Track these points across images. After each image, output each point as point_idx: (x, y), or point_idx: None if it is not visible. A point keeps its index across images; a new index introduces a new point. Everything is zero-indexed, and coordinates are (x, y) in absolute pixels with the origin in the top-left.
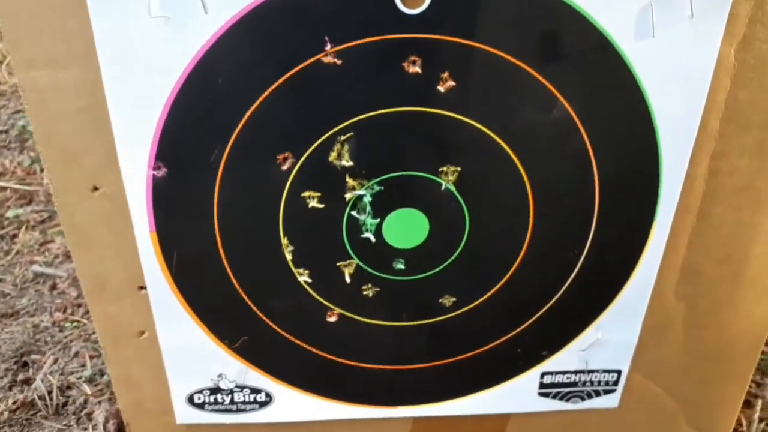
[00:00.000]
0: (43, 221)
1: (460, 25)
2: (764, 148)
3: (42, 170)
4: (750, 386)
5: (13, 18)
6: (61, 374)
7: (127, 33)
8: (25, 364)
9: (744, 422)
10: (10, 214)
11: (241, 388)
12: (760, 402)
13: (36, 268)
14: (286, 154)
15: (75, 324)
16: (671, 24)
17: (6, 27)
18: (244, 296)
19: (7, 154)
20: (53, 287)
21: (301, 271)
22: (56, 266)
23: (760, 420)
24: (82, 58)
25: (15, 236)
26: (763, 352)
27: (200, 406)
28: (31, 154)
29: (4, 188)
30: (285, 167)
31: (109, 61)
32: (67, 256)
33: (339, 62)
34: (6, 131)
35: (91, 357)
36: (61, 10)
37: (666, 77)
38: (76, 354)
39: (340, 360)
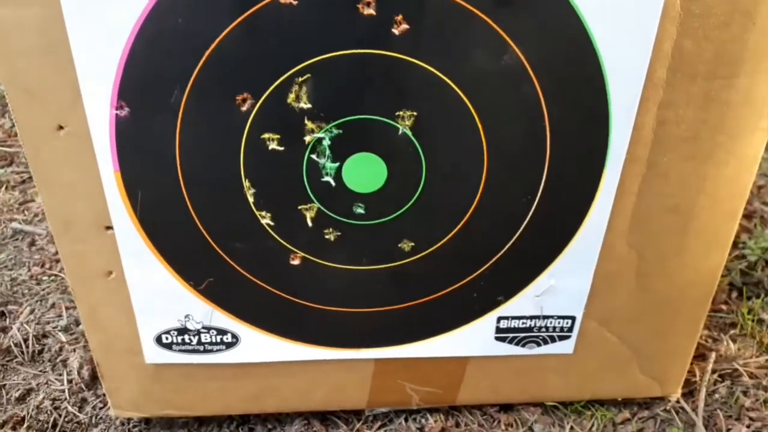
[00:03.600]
0: (23, 182)
1: None
2: (709, 99)
3: None
4: (706, 341)
5: None
6: (38, 323)
7: None
8: (2, 314)
9: (698, 373)
10: None
11: (208, 329)
12: (713, 355)
13: (15, 225)
14: (245, 95)
15: (52, 278)
16: None
17: None
18: (208, 238)
19: None
20: (32, 243)
21: (264, 213)
22: (35, 224)
23: (713, 372)
24: None
25: None
26: (720, 311)
27: (168, 346)
28: (13, 116)
29: None
30: (244, 108)
31: None
32: None
33: (295, 2)
34: None
35: (67, 308)
36: None
37: (614, 25)
38: (53, 305)
39: (303, 302)
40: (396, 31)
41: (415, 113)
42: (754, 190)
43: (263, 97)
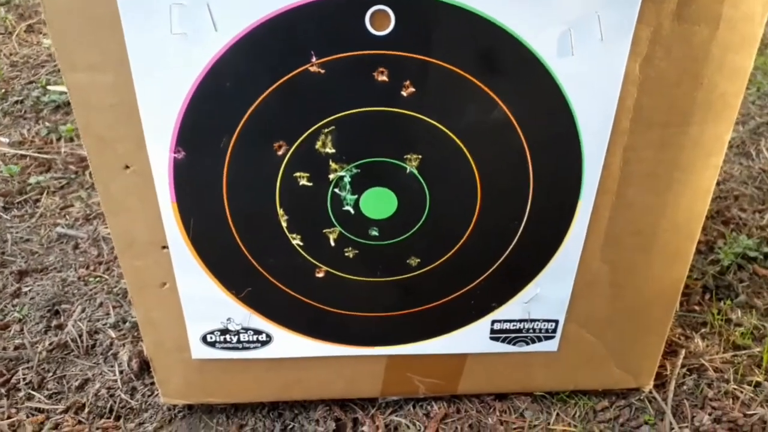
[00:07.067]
0: (62, 187)
1: (418, 45)
2: (666, 143)
3: (59, 139)
4: (678, 338)
5: (62, 31)
6: (89, 321)
7: (154, 46)
8: (57, 312)
9: (669, 367)
10: (32, 180)
11: (246, 329)
12: (683, 351)
13: (59, 229)
14: (281, 143)
15: (98, 279)
16: (586, 45)
17: (55, 38)
18: (248, 255)
19: (24, 123)
20: (76, 246)
21: (294, 235)
22: (77, 228)
23: (682, 366)
24: (117, 65)
25: (38, 201)
26: (693, 311)
27: (212, 344)
28: (47, 124)
29: (24, 156)
30: (280, 153)
31: (139, 67)
32: (87, 219)
33: (323, 72)
34: (21, 101)
35: (114, 307)
36: (101, 26)
37: (585, 87)
38: (101, 304)
39: (326, 308)
40: (404, 93)
41: (420, 156)
42: (732, 198)
43: (296, 144)
